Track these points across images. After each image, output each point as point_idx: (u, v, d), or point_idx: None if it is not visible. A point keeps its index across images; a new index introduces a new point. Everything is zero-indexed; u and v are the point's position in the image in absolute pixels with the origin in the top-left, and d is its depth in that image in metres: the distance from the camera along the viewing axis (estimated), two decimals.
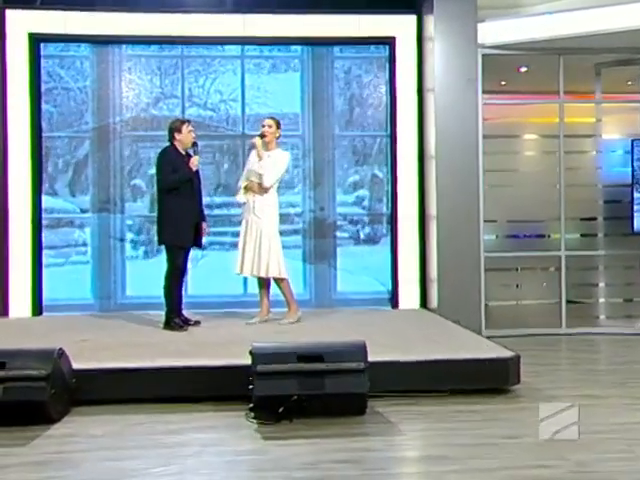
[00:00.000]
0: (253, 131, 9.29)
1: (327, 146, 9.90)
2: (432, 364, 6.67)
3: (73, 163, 9.77)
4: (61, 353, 5.94)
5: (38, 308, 9.44)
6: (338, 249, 10.03)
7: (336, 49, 10.01)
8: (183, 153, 8.05)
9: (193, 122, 8.42)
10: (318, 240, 10.02)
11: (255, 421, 5.84)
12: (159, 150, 8.18)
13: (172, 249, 8.10)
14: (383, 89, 10.06)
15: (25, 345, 6.48)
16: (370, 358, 5.99)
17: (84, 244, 9.75)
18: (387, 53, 9.90)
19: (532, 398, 6.44)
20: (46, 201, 9.61)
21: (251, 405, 5.93)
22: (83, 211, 9.72)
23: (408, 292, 9.84)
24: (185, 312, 8.39)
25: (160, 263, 8.64)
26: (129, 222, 9.82)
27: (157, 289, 8.35)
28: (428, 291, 9.75)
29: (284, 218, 9.08)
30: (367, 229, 10.11)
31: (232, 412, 6.05)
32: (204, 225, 8.33)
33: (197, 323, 8.35)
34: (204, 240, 8.48)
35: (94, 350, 7.00)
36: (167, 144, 8.14)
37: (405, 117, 9.85)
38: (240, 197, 8.41)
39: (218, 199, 9.72)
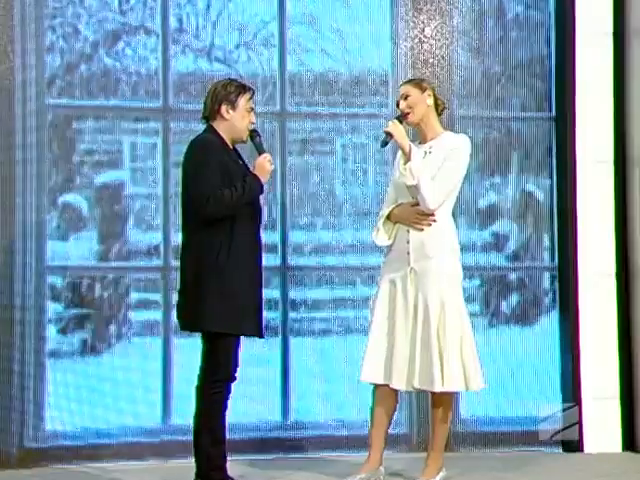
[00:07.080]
0: (308, 106, 6.78)
1: None
2: None
3: None
4: None
5: None
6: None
7: None
8: (231, 147, 5.70)
9: None
10: None
11: None
12: (192, 140, 5.64)
13: (217, 339, 5.57)
14: (547, 35, 7.25)
15: None
16: None
17: None
18: None
19: None
20: None
21: None
22: None
23: (598, 419, 6.65)
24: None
25: (114, 361, 6.63)
26: (53, 279, 6.74)
27: (112, 415, 6.48)
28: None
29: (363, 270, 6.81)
30: (515, 296, 7.07)
31: None
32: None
33: None
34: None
35: None
36: (201, 130, 5.69)
37: (588, 87, 6.99)
38: (382, 237, 6.02)
39: None
